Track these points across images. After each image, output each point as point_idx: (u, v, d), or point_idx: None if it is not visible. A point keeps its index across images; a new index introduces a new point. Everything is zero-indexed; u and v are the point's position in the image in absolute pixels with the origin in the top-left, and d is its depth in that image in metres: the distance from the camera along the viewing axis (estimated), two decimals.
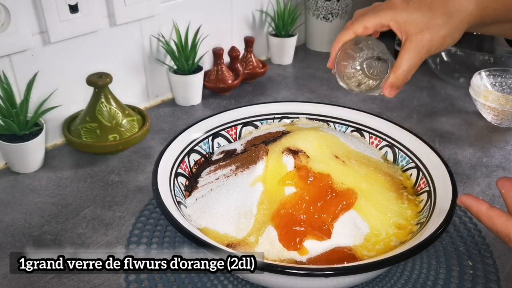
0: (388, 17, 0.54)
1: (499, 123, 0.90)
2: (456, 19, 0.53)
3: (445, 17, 0.53)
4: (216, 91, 1.02)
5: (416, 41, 0.53)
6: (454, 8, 0.53)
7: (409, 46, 0.54)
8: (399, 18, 0.54)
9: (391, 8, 0.54)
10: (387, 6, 0.55)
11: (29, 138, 0.73)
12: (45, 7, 0.73)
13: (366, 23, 0.56)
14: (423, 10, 0.53)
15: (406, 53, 0.54)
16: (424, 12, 0.53)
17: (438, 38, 0.53)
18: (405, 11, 0.53)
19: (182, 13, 0.94)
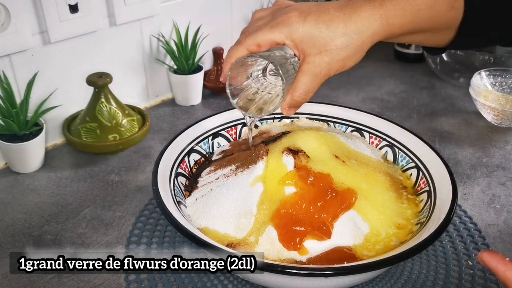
0: (283, 35, 0.50)
1: (499, 123, 0.90)
2: (358, 41, 0.49)
3: (345, 38, 0.49)
4: (216, 91, 1.02)
5: (314, 63, 0.50)
6: (355, 28, 0.49)
7: (306, 68, 0.50)
8: (295, 36, 0.50)
9: (287, 25, 0.50)
10: (283, 21, 0.50)
11: (29, 138, 0.73)
12: (45, 7, 0.73)
13: (259, 40, 0.51)
14: (321, 29, 0.49)
15: (303, 75, 0.51)
16: (322, 31, 0.49)
17: (337, 61, 0.50)
18: (302, 28, 0.49)
19: (182, 13, 0.94)
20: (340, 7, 0.50)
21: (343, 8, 0.50)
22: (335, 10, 0.50)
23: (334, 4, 0.51)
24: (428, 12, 0.50)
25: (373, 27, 0.49)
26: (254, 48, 0.52)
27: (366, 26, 0.49)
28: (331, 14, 0.49)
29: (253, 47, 0.52)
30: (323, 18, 0.49)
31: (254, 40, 0.51)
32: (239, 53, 0.53)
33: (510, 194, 0.73)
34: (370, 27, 0.49)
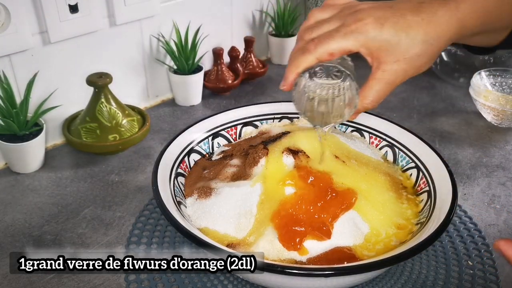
0: (359, 43, 0.47)
1: (499, 123, 0.90)
2: (436, 47, 0.47)
3: (425, 45, 0.47)
4: (216, 91, 1.02)
5: (391, 71, 0.48)
6: (435, 35, 0.46)
7: (381, 76, 0.48)
8: (372, 44, 0.47)
9: (363, 32, 0.46)
10: (357, 28, 0.47)
11: (29, 138, 0.73)
12: (45, 7, 0.73)
13: (332, 48, 0.47)
14: (400, 36, 0.46)
15: (377, 83, 0.49)
16: (402, 39, 0.46)
17: (413, 68, 0.48)
18: (380, 36, 0.46)
19: (182, 13, 0.94)
20: (417, 11, 0.47)
21: (420, 13, 0.47)
22: (412, 15, 0.47)
23: (408, 7, 0.47)
24: (497, 13, 0.49)
25: (450, 32, 0.47)
26: (325, 57, 0.48)
27: (445, 32, 0.47)
28: (408, 19, 0.46)
29: (325, 56, 0.48)
30: (402, 24, 0.46)
31: (327, 49, 0.48)
32: (308, 62, 0.49)
33: (510, 194, 0.73)
34: (448, 32, 0.47)
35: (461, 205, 0.70)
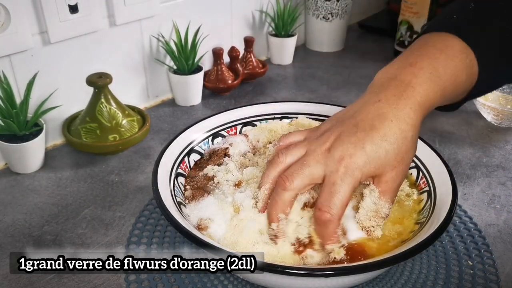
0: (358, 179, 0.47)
1: (499, 123, 0.90)
2: (414, 133, 0.49)
3: (406, 139, 0.48)
4: (216, 91, 1.02)
5: (392, 179, 0.49)
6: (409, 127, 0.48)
7: (387, 187, 0.49)
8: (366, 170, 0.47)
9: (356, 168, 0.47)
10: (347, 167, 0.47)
11: (29, 139, 0.73)
12: (45, 7, 0.73)
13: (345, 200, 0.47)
14: (385, 147, 0.47)
15: (386, 195, 0.49)
16: (387, 149, 0.47)
17: (408, 161, 0.50)
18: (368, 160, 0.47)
19: (182, 13, 0.94)
20: (381, 115, 0.48)
21: (386, 114, 0.48)
22: (380, 121, 0.48)
23: (372, 114, 0.48)
24: (452, 87, 0.51)
25: (418, 115, 0.49)
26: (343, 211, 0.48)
27: (414, 118, 0.49)
28: (380, 128, 0.47)
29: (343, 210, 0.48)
30: (378, 136, 0.47)
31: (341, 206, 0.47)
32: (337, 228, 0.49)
33: (510, 194, 0.73)
34: (417, 116, 0.49)
35: (461, 205, 0.70)
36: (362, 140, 0.47)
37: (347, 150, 0.47)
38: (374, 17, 1.50)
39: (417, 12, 1.13)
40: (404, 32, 1.16)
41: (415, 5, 1.13)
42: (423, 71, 0.49)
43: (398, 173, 0.49)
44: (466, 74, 0.50)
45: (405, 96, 0.48)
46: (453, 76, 0.50)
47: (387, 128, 0.47)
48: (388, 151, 0.47)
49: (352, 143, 0.47)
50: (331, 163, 0.47)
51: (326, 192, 0.47)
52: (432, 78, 0.49)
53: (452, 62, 0.50)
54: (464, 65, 0.50)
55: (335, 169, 0.47)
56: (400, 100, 0.48)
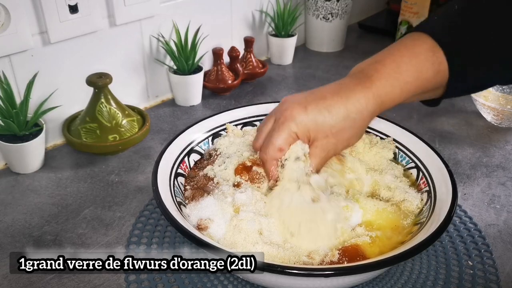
0: (292, 129, 0.53)
1: (499, 123, 0.90)
2: (359, 121, 0.52)
3: (348, 121, 0.52)
4: (216, 91, 1.02)
5: (322, 147, 0.53)
6: (355, 109, 0.52)
7: (315, 152, 0.54)
8: (302, 127, 0.52)
9: (291, 119, 0.53)
10: (286, 118, 0.53)
11: (29, 139, 0.73)
12: (45, 7, 0.73)
13: (277, 144, 0.54)
14: (324, 114, 0.52)
15: (312, 158, 0.54)
16: (326, 117, 0.52)
17: (343, 141, 0.54)
18: (306, 118, 0.52)
19: (182, 13, 0.94)
20: (335, 91, 0.53)
21: (339, 92, 0.53)
22: (331, 95, 0.52)
23: (327, 89, 0.54)
24: (416, 83, 0.52)
25: (369, 106, 0.52)
26: (278, 154, 0.54)
27: (364, 106, 0.52)
28: (329, 99, 0.52)
29: (277, 153, 0.54)
30: (323, 104, 0.52)
31: (273, 148, 0.54)
32: (272, 166, 0.55)
33: (510, 194, 0.73)
34: (367, 106, 0.52)
35: (461, 205, 0.70)
36: (309, 103, 0.52)
37: (292, 105, 0.53)
38: (374, 17, 1.50)
39: (417, 12, 1.13)
40: (404, 32, 1.16)
41: (415, 5, 1.13)
42: (385, 67, 0.52)
43: (328, 143, 0.53)
44: (433, 71, 0.52)
45: (362, 85, 0.52)
46: (416, 72, 0.52)
47: (334, 101, 0.52)
48: (326, 119, 0.52)
49: (298, 103, 0.53)
50: (278, 114, 0.54)
51: (268, 136, 0.55)
52: (392, 74, 0.52)
53: (416, 59, 0.52)
54: (430, 62, 0.52)
55: (277, 118, 0.54)
56: (356, 86, 0.52)
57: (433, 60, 0.51)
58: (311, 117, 0.52)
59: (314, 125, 0.52)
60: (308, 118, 0.52)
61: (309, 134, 0.53)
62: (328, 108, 0.52)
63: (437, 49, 0.51)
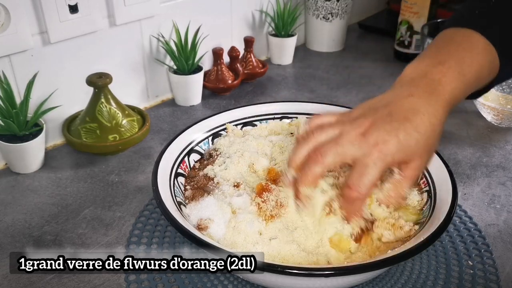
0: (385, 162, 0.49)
1: (499, 123, 0.90)
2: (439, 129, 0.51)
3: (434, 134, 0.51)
4: (216, 91, 1.02)
5: (419, 168, 0.51)
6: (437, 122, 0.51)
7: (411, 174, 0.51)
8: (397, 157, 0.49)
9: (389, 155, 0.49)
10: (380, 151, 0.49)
11: (29, 139, 0.73)
12: (45, 7, 0.73)
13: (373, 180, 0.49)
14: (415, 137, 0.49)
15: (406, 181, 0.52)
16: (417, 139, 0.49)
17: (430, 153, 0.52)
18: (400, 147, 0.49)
19: (182, 13, 0.94)
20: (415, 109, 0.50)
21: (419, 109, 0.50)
22: (413, 115, 0.50)
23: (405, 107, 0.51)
24: (475, 83, 0.54)
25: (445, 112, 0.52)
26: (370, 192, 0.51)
27: (443, 115, 0.51)
28: (413, 120, 0.49)
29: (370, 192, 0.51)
30: (410, 126, 0.49)
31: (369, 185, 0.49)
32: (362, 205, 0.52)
33: (510, 194, 0.73)
34: (444, 113, 0.52)
35: (461, 205, 0.70)
36: (396, 129, 0.49)
37: (382, 136, 0.49)
38: (374, 17, 1.50)
39: (417, 12, 1.13)
40: (404, 32, 1.16)
41: (415, 5, 1.13)
42: (451, 70, 0.52)
43: (423, 162, 0.52)
44: (488, 70, 0.54)
45: (436, 94, 0.51)
46: (477, 73, 0.53)
47: (419, 120, 0.50)
48: (419, 141, 0.49)
49: (387, 130, 0.49)
50: (365, 147, 0.49)
51: (358, 173, 0.49)
52: (459, 77, 0.52)
53: (477, 61, 0.53)
54: (487, 62, 0.53)
55: (369, 153, 0.49)
56: (431, 96, 0.51)
57: (489, 59, 0.53)
58: (406, 144, 0.49)
59: (409, 151, 0.50)
60: (403, 147, 0.49)
61: (403, 160, 0.51)
62: (417, 130, 0.49)
63: (491, 47, 0.53)
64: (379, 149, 0.49)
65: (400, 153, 0.49)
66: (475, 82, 0.54)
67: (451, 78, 0.52)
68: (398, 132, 0.49)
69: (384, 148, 0.49)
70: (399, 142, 0.49)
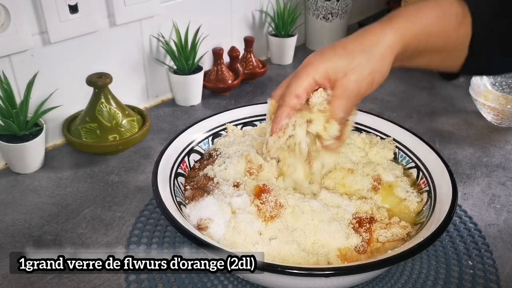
0: (311, 76, 0.52)
1: (499, 123, 0.90)
2: (377, 53, 0.51)
3: (365, 54, 0.51)
4: (216, 91, 1.02)
5: (343, 86, 0.52)
6: (370, 43, 0.51)
7: (337, 92, 0.53)
8: (321, 71, 0.52)
9: (309, 66, 0.53)
10: (304, 66, 0.53)
11: (29, 139, 0.73)
12: (45, 7, 0.73)
13: (294, 91, 0.53)
14: (339, 54, 0.52)
15: (335, 100, 0.53)
16: (342, 56, 0.51)
17: (364, 78, 0.52)
18: (323, 61, 0.52)
19: (182, 13, 0.94)
20: (352, 35, 0.53)
21: (355, 34, 0.53)
22: (347, 38, 0.53)
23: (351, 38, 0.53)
24: (438, 25, 0.52)
25: (387, 38, 0.51)
26: (295, 101, 0.54)
27: (381, 39, 0.51)
28: (344, 41, 0.52)
29: (294, 100, 0.53)
30: (339, 46, 0.52)
31: (290, 94, 0.53)
32: (285, 113, 0.54)
33: (510, 194, 0.73)
34: (385, 39, 0.51)
35: (461, 204, 0.70)
36: (325, 48, 0.53)
37: (310, 55, 0.53)
38: (374, 17, 1.49)
39: None
40: None
41: None
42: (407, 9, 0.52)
43: (349, 81, 0.52)
44: (456, 21, 0.52)
45: (380, 23, 0.52)
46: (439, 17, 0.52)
47: (349, 40, 0.52)
48: (342, 57, 0.51)
49: (315, 52, 0.53)
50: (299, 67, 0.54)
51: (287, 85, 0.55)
52: (413, 13, 0.52)
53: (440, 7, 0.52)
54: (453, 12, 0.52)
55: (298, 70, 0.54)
56: (374, 25, 0.52)
57: (457, 10, 0.52)
58: (327, 59, 0.51)
59: (331, 66, 0.51)
60: (325, 61, 0.51)
61: (329, 76, 0.52)
62: (344, 47, 0.51)
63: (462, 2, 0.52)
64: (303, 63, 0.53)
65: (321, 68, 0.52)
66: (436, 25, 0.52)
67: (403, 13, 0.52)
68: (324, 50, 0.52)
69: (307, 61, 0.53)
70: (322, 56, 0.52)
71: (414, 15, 0.52)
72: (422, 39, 0.52)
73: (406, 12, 0.52)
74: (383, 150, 0.68)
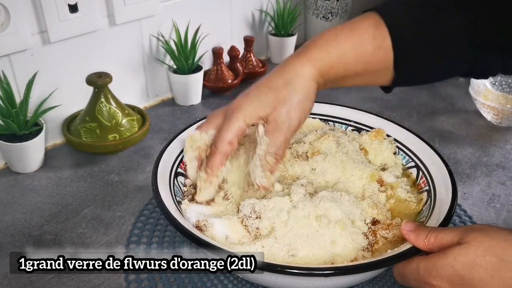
0: (241, 120, 0.53)
1: (499, 122, 0.90)
2: (299, 85, 0.52)
3: (288, 87, 0.52)
4: (216, 91, 1.02)
5: (274, 120, 0.52)
6: (290, 76, 0.52)
7: (270, 127, 0.53)
8: (248, 112, 0.52)
9: (238, 110, 0.53)
10: (233, 111, 0.53)
11: (29, 138, 0.73)
12: (45, 7, 0.73)
13: (226, 138, 0.53)
14: (264, 91, 0.52)
15: (269, 135, 0.53)
16: (267, 92, 0.52)
17: (294, 109, 0.52)
18: (250, 102, 0.53)
19: (182, 12, 0.94)
20: (272, 71, 0.54)
21: (275, 69, 0.54)
22: (268, 75, 0.54)
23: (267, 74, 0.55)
24: (354, 52, 0.52)
25: (304, 71, 0.52)
26: (228, 148, 0.54)
27: (299, 72, 0.52)
28: (266, 78, 0.54)
29: (227, 147, 0.54)
30: (262, 84, 0.53)
31: (222, 141, 0.53)
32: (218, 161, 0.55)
33: (510, 193, 0.73)
34: (303, 71, 0.52)
35: (461, 204, 0.70)
36: (250, 89, 0.54)
37: (236, 99, 0.54)
38: None
39: None
40: None
41: None
42: (323, 37, 0.53)
43: (279, 113, 0.52)
44: (373, 45, 0.52)
45: (296, 55, 0.54)
46: (355, 43, 0.52)
47: (271, 77, 0.53)
48: (268, 94, 0.52)
49: (242, 94, 0.55)
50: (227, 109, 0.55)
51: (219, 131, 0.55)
52: (329, 41, 0.53)
53: (356, 32, 0.52)
54: (370, 36, 0.52)
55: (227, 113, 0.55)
56: (291, 58, 0.54)
57: (375, 34, 0.52)
58: (254, 98, 0.53)
59: (259, 104, 0.52)
60: (252, 101, 0.53)
61: (259, 114, 0.53)
62: (267, 84, 0.53)
63: (381, 24, 0.52)
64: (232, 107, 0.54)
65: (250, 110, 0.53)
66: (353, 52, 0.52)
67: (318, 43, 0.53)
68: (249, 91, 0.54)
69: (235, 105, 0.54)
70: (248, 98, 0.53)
71: (330, 45, 0.52)
72: (340, 67, 0.53)
73: (322, 41, 0.53)
74: (383, 150, 0.67)
